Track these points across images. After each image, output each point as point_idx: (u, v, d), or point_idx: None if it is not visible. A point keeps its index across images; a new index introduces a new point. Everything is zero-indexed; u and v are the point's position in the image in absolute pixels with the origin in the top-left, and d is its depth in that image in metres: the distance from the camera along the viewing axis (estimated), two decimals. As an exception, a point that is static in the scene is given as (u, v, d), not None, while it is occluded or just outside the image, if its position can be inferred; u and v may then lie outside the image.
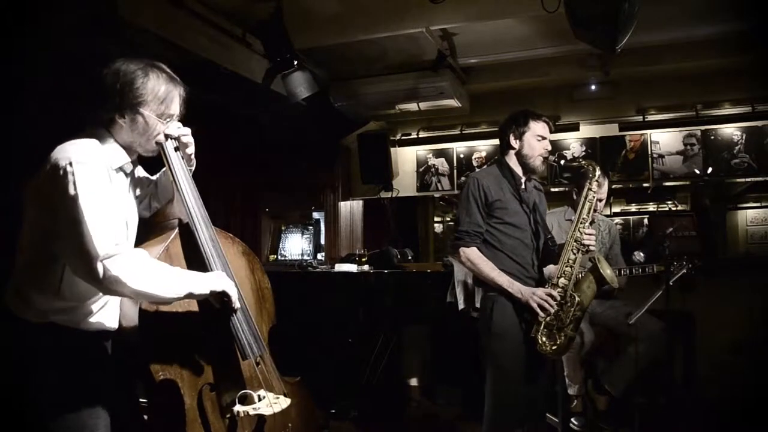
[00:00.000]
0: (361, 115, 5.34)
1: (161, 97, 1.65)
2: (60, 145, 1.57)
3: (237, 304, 1.73)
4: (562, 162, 2.65)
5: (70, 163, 1.49)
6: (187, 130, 1.79)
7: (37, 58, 2.78)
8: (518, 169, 2.57)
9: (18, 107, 2.73)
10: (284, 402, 1.83)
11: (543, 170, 2.71)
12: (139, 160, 1.80)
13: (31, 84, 2.79)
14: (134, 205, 1.79)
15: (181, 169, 1.78)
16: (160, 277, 1.58)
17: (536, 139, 2.52)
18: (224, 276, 1.73)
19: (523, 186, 2.57)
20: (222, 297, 1.71)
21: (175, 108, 1.71)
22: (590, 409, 3.57)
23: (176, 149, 1.78)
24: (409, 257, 4.87)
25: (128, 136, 1.66)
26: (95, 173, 1.52)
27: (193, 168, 1.89)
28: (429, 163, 5.64)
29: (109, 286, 1.49)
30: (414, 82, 4.65)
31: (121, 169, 1.66)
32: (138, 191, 1.83)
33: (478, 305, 2.56)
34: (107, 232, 1.50)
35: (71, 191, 1.48)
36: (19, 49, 2.73)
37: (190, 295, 1.64)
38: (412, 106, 4.99)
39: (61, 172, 1.49)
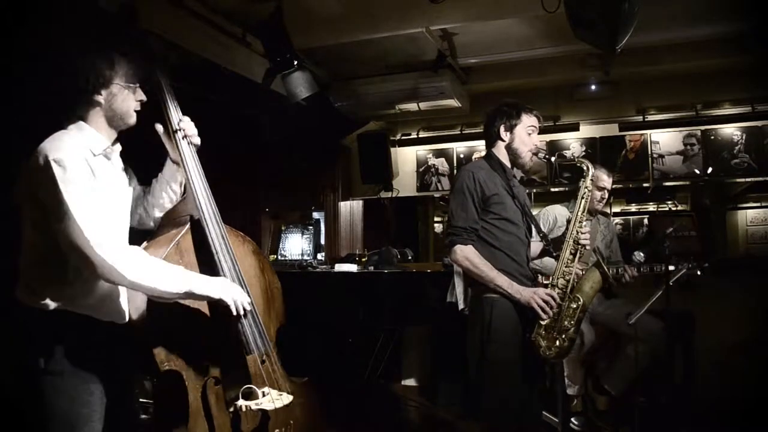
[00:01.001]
0: (361, 115, 5.34)
1: (125, 64, 1.70)
2: (40, 144, 1.60)
3: (236, 313, 1.73)
4: (553, 159, 2.58)
5: (47, 159, 1.53)
6: (187, 119, 1.85)
7: (37, 58, 2.78)
8: (508, 163, 2.49)
9: (17, 108, 2.73)
10: (287, 398, 1.85)
11: (532, 166, 2.63)
12: (138, 169, 1.82)
13: (30, 84, 2.78)
14: (123, 182, 1.80)
15: (193, 165, 1.82)
16: (160, 271, 1.60)
17: (527, 132, 2.46)
18: (228, 285, 1.74)
19: (511, 180, 2.48)
20: (221, 303, 1.72)
21: (141, 69, 1.75)
22: (590, 409, 3.57)
23: (188, 143, 1.83)
24: (409, 257, 4.88)
25: (109, 112, 1.70)
26: (73, 165, 1.55)
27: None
28: (429, 163, 5.64)
29: (104, 273, 1.53)
30: (414, 82, 4.66)
31: (102, 154, 1.69)
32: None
33: (469, 303, 2.46)
34: (95, 220, 1.53)
35: (52, 186, 1.52)
36: (17, 49, 2.73)
37: (190, 294, 1.65)
38: (412, 106, 4.99)
39: (40, 169, 1.53)
